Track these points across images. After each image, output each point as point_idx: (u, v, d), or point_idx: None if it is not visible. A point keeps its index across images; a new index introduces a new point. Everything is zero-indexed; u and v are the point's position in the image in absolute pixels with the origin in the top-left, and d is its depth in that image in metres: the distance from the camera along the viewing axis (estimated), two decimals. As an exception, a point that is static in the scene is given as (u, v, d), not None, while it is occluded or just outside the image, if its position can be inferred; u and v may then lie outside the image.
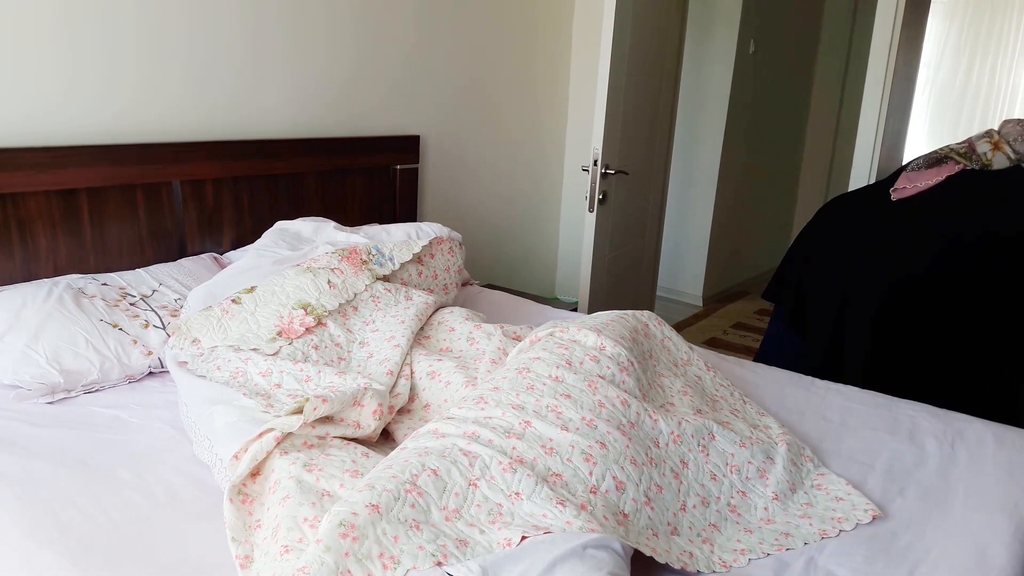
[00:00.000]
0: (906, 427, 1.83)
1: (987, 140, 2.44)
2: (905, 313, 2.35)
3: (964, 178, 2.41)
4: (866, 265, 2.43)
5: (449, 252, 2.47)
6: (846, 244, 2.52)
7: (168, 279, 2.17)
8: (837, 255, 2.53)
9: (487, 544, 1.17)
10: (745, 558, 1.32)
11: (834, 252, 2.54)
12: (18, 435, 1.60)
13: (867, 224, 2.51)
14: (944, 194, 2.41)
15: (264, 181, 2.58)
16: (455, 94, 3.33)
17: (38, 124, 2.07)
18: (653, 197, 3.80)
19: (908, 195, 2.45)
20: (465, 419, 1.41)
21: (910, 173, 2.53)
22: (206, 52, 2.39)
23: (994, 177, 2.37)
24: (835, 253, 2.54)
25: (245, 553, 1.22)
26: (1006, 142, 2.40)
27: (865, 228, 2.50)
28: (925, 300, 2.33)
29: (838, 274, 2.49)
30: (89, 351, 1.84)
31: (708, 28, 4.67)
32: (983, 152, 2.41)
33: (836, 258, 2.53)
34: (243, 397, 1.61)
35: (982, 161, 2.41)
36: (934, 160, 2.48)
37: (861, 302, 2.41)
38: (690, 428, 1.54)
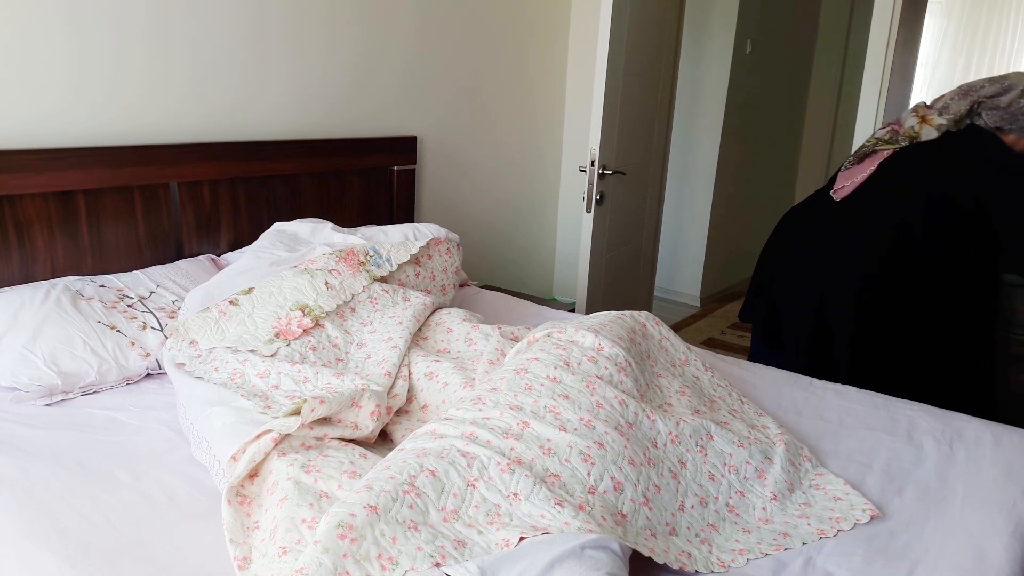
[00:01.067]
0: (904, 427, 1.83)
1: (913, 114, 2.41)
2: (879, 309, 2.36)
3: (896, 159, 2.40)
4: (831, 268, 2.44)
5: (447, 253, 2.47)
6: (807, 252, 2.53)
7: (166, 281, 2.17)
8: (801, 265, 2.54)
9: (485, 545, 1.17)
10: (743, 558, 1.32)
11: (798, 263, 2.56)
12: (16, 437, 1.59)
13: (820, 229, 2.51)
14: (881, 181, 2.41)
15: (261, 182, 2.58)
16: (452, 95, 3.33)
17: (36, 127, 2.06)
18: (650, 197, 3.80)
19: (848, 192, 2.46)
20: (463, 420, 1.41)
21: (844, 172, 2.54)
22: (206, 55, 2.39)
23: (923, 149, 2.36)
24: (799, 264, 2.55)
25: (243, 554, 1.22)
26: (936, 111, 2.37)
27: (820, 233, 2.51)
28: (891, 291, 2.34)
29: (807, 283, 2.51)
30: (87, 353, 1.83)
31: (705, 28, 4.67)
32: (910, 126, 2.39)
33: (801, 268, 2.54)
34: (241, 398, 1.61)
35: (910, 135, 2.39)
36: (863, 154, 2.49)
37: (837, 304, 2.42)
38: (688, 428, 1.54)
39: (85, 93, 2.14)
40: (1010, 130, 2.28)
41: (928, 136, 2.34)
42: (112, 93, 2.20)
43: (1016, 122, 2.26)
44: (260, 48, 2.54)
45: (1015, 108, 2.24)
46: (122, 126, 2.24)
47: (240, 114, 2.53)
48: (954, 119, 2.32)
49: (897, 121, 2.46)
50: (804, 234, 2.57)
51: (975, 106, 2.30)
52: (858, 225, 2.40)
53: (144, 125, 2.29)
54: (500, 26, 3.49)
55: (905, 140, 2.39)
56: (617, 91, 3.15)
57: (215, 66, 2.43)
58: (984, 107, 2.29)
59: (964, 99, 2.32)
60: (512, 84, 3.65)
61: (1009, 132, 2.28)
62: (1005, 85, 2.28)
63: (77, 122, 2.14)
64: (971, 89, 2.32)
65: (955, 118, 2.32)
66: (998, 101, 2.26)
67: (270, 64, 2.58)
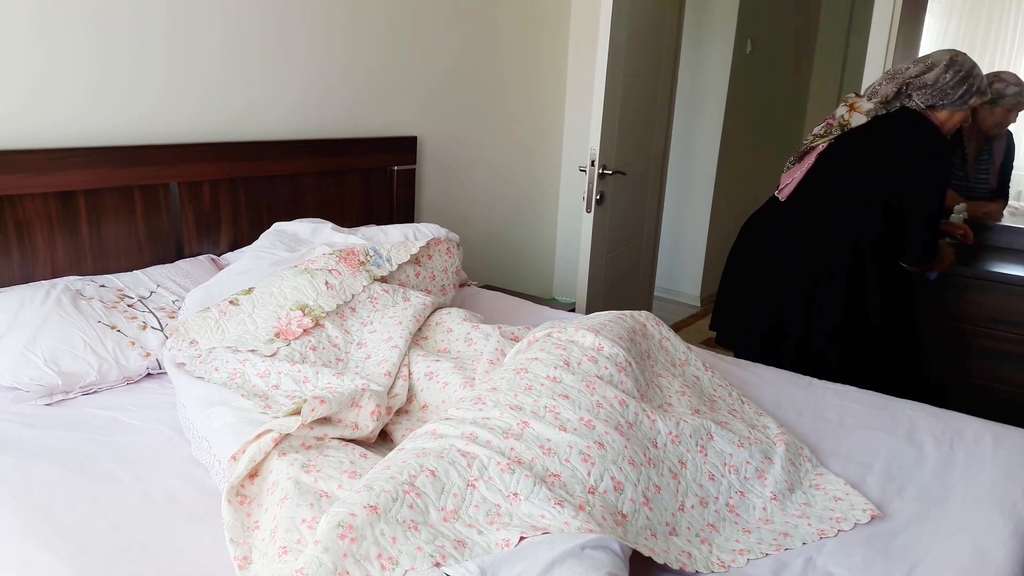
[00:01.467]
0: (904, 427, 1.83)
1: (844, 104, 2.45)
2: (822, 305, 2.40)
3: (831, 150, 2.44)
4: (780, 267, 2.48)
5: (447, 253, 2.47)
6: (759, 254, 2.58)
7: (166, 281, 2.17)
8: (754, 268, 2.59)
9: (485, 545, 1.17)
10: (743, 558, 1.32)
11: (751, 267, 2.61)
12: (16, 437, 1.59)
13: (769, 230, 2.57)
14: (819, 174, 2.45)
15: (262, 182, 2.58)
16: (452, 95, 3.33)
17: (35, 127, 2.06)
18: (650, 197, 3.80)
19: (792, 190, 2.50)
20: (463, 420, 1.41)
21: (786, 172, 2.59)
22: (204, 55, 2.39)
23: (854, 135, 2.40)
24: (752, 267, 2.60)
25: (243, 554, 1.22)
26: (864, 98, 2.40)
27: (768, 234, 2.56)
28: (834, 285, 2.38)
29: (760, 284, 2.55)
30: (87, 353, 1.83)
31: (705, 28, 4.67)
32: (840, 115, 2.43)
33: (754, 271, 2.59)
34: (241, 398, 1.61)
35: (841, 126, 2.42)
36: (803, 152, 2.53)
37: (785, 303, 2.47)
38: (688, 428, 1.54)
39: (104, 97, 2.14)
40: (942, 106, 2.31)
41: (858, 122, 2.38)
42: (111, 94, 2.20)
43: (946, 97, 2.29)
44: (260, 49, 2.54)
45: (942, 83, 2.28)
46: (121, 127, 2.24)
47: (240, 114, 2.53)
48: (881, 102, 2.36)
49: (831, 115, 2.50)
50: (756, 239, 2.63)
51: (903, 88, 2.34)
52: (801, 222, 2.45)
53: (143, 125, 2.29)
54: (501, 26, 3.49)
55: (837, 130, 2.43)
56: (617, 91, 3.15)
57: (215, 67, 2.43)
58: (912, 87, 2.32)
59: (891, 82, 2.36)
60: (512, 84, 3.64)
61: (941, 108, 2.32)
62: (928, 63, 2.31)
63: (66, 121, 2.14)
64: (897, 72, 2.36)
65: (882, 100, 2.36)
66: (924, 79, 2.30)
67: (270, 65, 2.58)
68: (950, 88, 2.28)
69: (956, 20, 3.61)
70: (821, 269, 2.39)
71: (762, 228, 2.61)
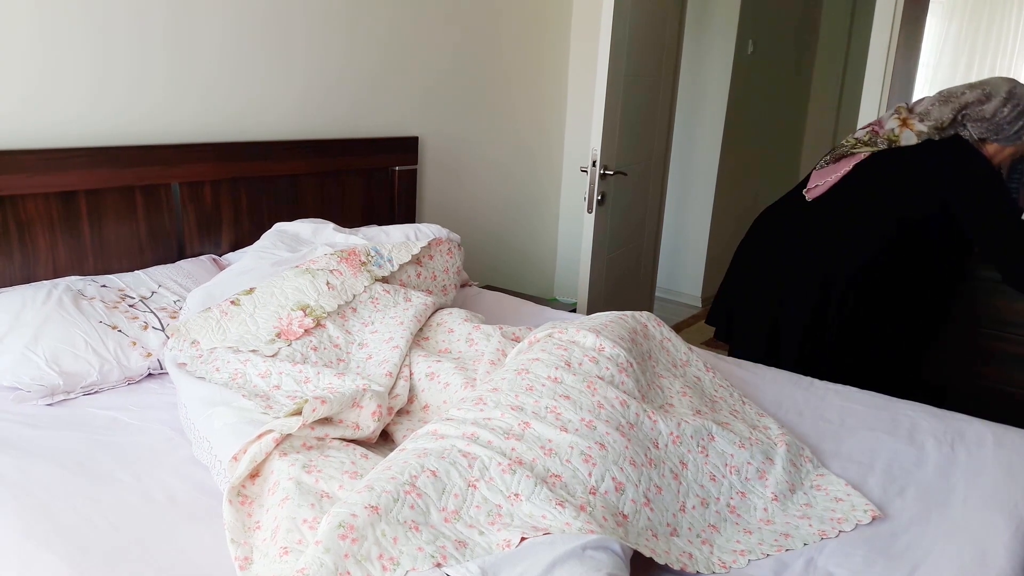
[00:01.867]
0: (905, 427, 1.83)
1: (895, 116, 2.37)
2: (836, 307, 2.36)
3: (873, 162, 2.36)
4: (796, 267, 2.43)
5: (448, 253, 2.47)
6: (774, 251, 2.52)
7: (167, 281, 2.17)
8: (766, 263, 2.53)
9: (486, 545, 1.17)
10: (744, 559, 1.32)
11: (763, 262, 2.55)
12: (17, 437, 1.60)
13: (790, 228, 2.50)
14: (855, 182, 2.38)
15: (263, 183, 2.58)
16: (454, 95, 3.33)
17: (36, 127, 2.06)
18: (652, 198, 3.80)
19: (821, 192, 2.43)
20: (464, 420, 1.41)
21: (818, 171, 2.50)
22: (205, 55, 2.39)
23: (901, 154, 2.32)
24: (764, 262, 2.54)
25: (244, 554, 1.22)
26: (917, 116, 2.33)
27: (789, 232, 2.49)
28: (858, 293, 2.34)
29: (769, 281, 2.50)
30: (88, 353, 1.83)
31: (706, 28, 4.67)
32: (891, 128, 2.35)
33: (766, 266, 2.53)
34: (242, 399, 1.61)
35: (889, 140, 2.35)
36: (840, 155, 2.45)
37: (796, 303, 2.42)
38: (689, 429, 1.54)
39: (78, 93, 2.14)
40: (995, 140, 2.26)
41: (908, 141, 2.31)
42: (112, 94, 2.20)
43: (1001, 132, 2.24)
44: (261, 50, 2.54)
45: (999, 118, 2.23)
46: (123, 127, 2.24)
47: (242, 114, 2.53)
48: (936, 126, 2.29)
49: (878, 122, 2.43)
50: (773, 233, 2.56)
51: (959, 115, 2.27)
52: (828, 225, 2.39)
53: (144, 125, 2.29)
54: (502, 26, 3.49)
55: (884, 143, 2.36)
56: (618, 91, 3.15)
57: (216, 67, 2.43)
58: (969, 118, 2.26)
59: (946, 106, 2.29)
60: (514, 85, 3.65)
61: (993, 142, 2.27)
62: (986, 91, 2.25)
63: (66, 121, 2.14)
64: (952, 96, 2.30)
65: (936, 125, 2.29)
66: (982, 111, 2.24)
67: (271, 65, 2.59)
68: (1007, 123, 2.22)
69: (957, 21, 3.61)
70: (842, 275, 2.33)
71: (784, 225, 2.53)
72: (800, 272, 2.41)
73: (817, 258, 2.38)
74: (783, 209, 2.58)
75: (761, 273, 2.55)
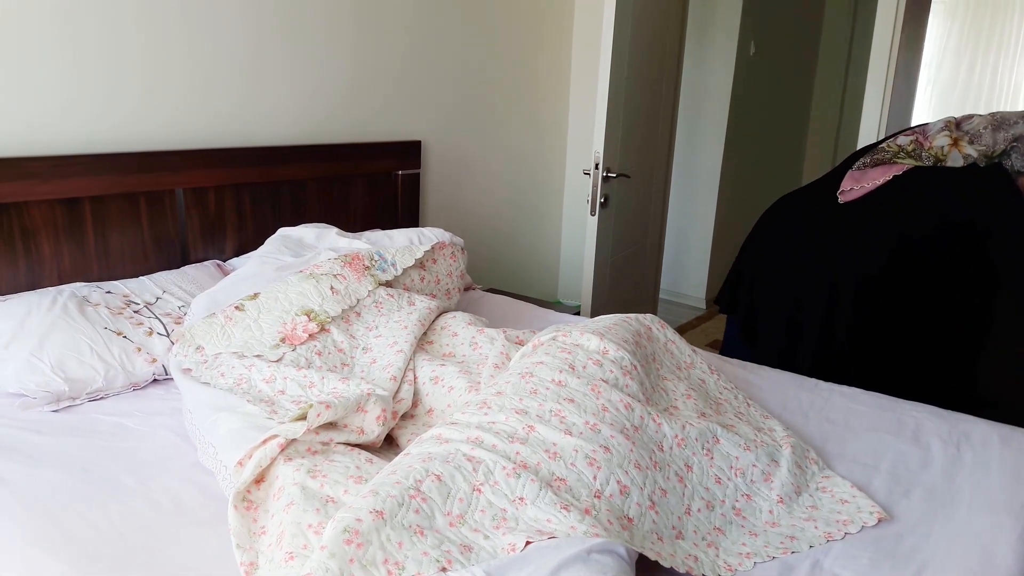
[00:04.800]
0: (910, 428, 1.82)
1: (946, 134, 2.33)
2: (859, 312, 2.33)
3: (914, 177, 2.32)
4: (817, 270, 2.39)
5: (451, 257, 2.47)
6: (796, 250, 2.46)
7: (172, 286, 2.17)
8: (788, 263, 2.47)
9: (491, 549, 1.17)
10: (750, 561, 1.31)
11: (784, 260, 2.49)
12: (23, 443, 1.60)
13: (815, 227, 2.44)
14: (893, 194, 2.33)
15: (266, 188, 2.58)
16: (456, 99, 3.34)
17: (41, 134, 2.07)
18: (655, 200, 3.80)
19: (856, 197, 2.38)
20: (468, 424, 1.41)
21: (855, 172, 2.45)
22: (208, 61, 2.40)
23: (946, 174, 2.29)
24: (785, 261, 2.48)
25: (250, 560, 1.22)
26: (968, 137, 2.29)
27: (814, 232, 2.44)
28: (878, 298, 2.30)
29: (789, 282, 2.45)
30: (93, 359, 1.84)
31: (708, 30, 4.67)
32: (940, 146, 2.31)
33: (786, 266, 2.47)
34: (247, 404, 1.62)
35: (935, 157, 2.31)
36: (880, 160, 2.40)
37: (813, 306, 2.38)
38: (694, 431, 1.54)
39: (84, 99, 2.15)
40: None
41: (954, 162, 2.28)
42: (111, 99, 2.21)
43: None
44: (264, 54, 2.55)
45: None
46: (123, 132, 2.24)
47: (245, 120, 2.54)
48: (985, 152, 2.26)
49: (923, 132, 2.37)
50: (798, 231, 2.51)
51: (1009, 145, 2.24)
52: (860, 234, 2.35)
53: (148, 132, 2.30)
54: (504, 30, 3.49)
55: (929, 159, 2.31)
56: (621, 94, 3.15)
57: (220, 72, 2.44)
58: (1017, 150, 2.23)
59: (997, 132, 2.26)
60: (516, 88, 3.65)
61: None
62: None
63: (75, 129, 2.15)
64: (1005, 122, 2.27)
65: (986, 152, 2.26)
66: None
67: (275, 70, 2.59)
68: None
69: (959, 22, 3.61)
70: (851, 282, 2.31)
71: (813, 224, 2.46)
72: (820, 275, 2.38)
73: (838, 262, 2.34)
74: (810, 204, 2.51)
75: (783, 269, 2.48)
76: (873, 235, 2.33)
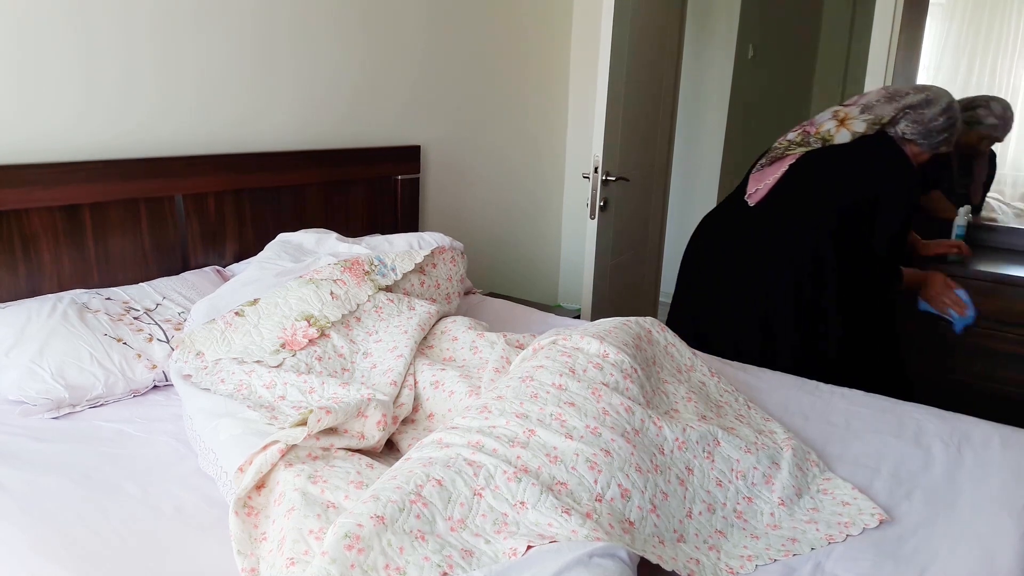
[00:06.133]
0: (911, 430, 1.82)
1: (832, 117, 2.45)
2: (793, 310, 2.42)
3: (805, 162, 2.44)
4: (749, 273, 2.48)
5: (451, 261, 2.47)
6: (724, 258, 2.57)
7: (171, 293, 2.17)
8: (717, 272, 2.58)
9: (493, 554, 1.17)
10: (752, 564, 1.31)
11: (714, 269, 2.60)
12: (23, 450, 1.60)
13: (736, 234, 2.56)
14: (793, 182, 2.45)
15: (266, 193, 2.58)
16: (455, 104, 3.34)
17: (52, 142, 2.07)
18: (655, 203, 3.80)
19: (762, 196, 2.49)
20: (469, 428, 1.41)
21: (756, 174, 2.57)
22: (209, 67, 2.40)
23: (835, 151, 2.40)
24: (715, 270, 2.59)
25: (251, 566, 1.22)
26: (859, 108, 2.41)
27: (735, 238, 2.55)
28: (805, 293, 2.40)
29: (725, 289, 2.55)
30: (94, 366, 1.84)
31: (707, 33, 4.67)
32: (827, 129, 2.43)
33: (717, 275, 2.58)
34: (247, 409, 1.62)
35: (823, 139, 2.43)
36: (774, 157, 2.53)
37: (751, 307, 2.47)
38: (695, 434, 1.54)
39: (93, 109, 2.15)
40: (920, 143, 2.37)
41: (841, 139, 2.40)
42: (119, 108, 2.21)
43: (928, 138, 2.35)
44: (264, 60, 2.55)
45: (933, 125, 2.34)
46: (126, 140, 2.25)
47: (244, 126, 2.54)
48: (874, 122, 2.37)
49: (810, 123, 2.50)
50: (718, 242, 2.62)
51: (898, 114, 2.36)
52: (771, 229, 2.46)
53: (150, 140, 2.30)
54: (502, 34, 3.50)
55: (817, 142, 2.44)
56: (619, 97, 3.15)
57: (219, 78, 2.44)
58: (908, 117, 2.35)
59: (890, 104, 2.38)
60: (515, 92, 3.65)
61: (917, 145, 2.37)
62: (929, 97, 2.35)
63: (81, 137, 2.15)
64: (897, 94, 2.38)
65: (875, 121, 2.37)
66: (922, 114, 2.34)
67: (275, 76, 2.60)
68: (936, 131, 2.35)
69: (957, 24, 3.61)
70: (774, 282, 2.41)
71: (728, 232, 2.60)
72: (748, 279, 2.48)
73: (762, 263, 2.44)
74: (726, 216, 2.64)
75: (712, 284, 2.60)
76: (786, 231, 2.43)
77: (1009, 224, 3.06)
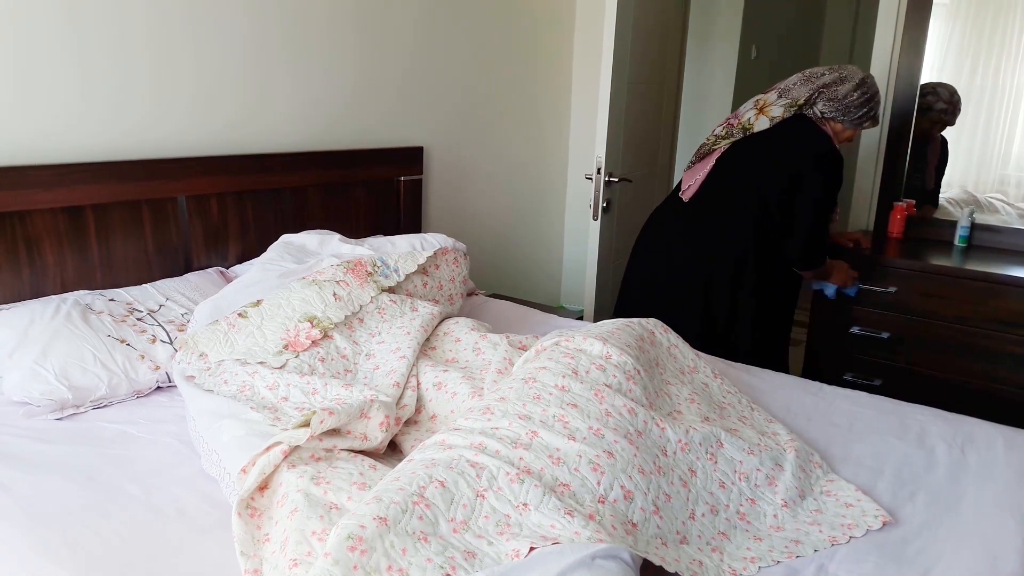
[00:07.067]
0: (915, 431, 1.82)
1: (752, 107, 2.52)
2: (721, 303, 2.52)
3: (731, 152, 2.52)
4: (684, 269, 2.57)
5: (454, 262, 2.47)
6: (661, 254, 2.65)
7: (175, 294, 2.18)
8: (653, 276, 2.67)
9: (495, 556, 1.17)
10: (755, 566, 1.31)
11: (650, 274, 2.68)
12: (27, 451, 1.60)
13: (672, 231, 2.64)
14: (720, 175, 2.53)
15: (269, 195, 2.59)
16: (458, 105, 3.34)
17: (48, 143, 2.08)
18: (657, 204, 3.79)
19: (694, 192, 2.57)
20: (472, 430, 1.41)
21: (687, 172, 2.65)
22: (214, 71, 2.40)
23: (755, 139, 2.48)
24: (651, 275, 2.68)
25: (254, 567, 1.22)
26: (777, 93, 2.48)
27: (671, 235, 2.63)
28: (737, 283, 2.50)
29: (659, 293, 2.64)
30: (97, 367, 1.84)
31: (709, 34, 4.67)
32: (747, 119, 2.50)
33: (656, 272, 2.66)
34: (250, 411, 1.62)
35: (744, 128, 2.50)
36: (703, 153, 2.60)
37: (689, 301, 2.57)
38: (698, 436, 1.54)
39: (89, 109, 2.16)
40: (840, 120, 2.44)
41: (761, 127, 2.47)
42: (117, 109, 2.21)
43: (847, 114, 2.42)
44: (266, 61, 2.56)
45: (848, 101, 2.40)
46: (128, 141, 2.25)
47: (247, 127, 2.54)
48: (791, 104, 2.44)
49: (734, 115, 2.57)
50: (657, 240, 2.69)
51: (814, 94, 2.43)
52: (704, 222, 2.54)
53: (151, 140, 2.30)
54: (505, 35, 3.50)
55: (739, 132, 2.51)
56: (622, 98, 3.15)
57: (222, 80, 2.44)
58: (822, 96, 2.42)
59: (805, 86, 2.46)
60: (517, 93, 3.65)
61: (839, 122, 2.44)
62: (843, 75, 2.43)
63: (81, 138, 2.15)
64: (812, 76, 2.47)
65: (791, 103, 2.44)
66: (836, 91, 2.41)
67: (276, 77, 2.60)
68: (854, 107, 2.41)
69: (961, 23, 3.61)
70: (711, 275, 2.50)
71: (664, 229, 2.68)
72: (683, 277, 2.56)
73: (697, 256, 2.53)
74: (664, 214, 2.72)
75: (652, 281, 2.67)
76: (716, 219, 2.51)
77: (1013, 225, 3.05)
